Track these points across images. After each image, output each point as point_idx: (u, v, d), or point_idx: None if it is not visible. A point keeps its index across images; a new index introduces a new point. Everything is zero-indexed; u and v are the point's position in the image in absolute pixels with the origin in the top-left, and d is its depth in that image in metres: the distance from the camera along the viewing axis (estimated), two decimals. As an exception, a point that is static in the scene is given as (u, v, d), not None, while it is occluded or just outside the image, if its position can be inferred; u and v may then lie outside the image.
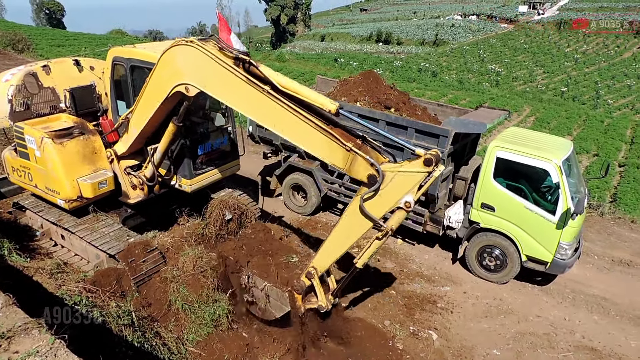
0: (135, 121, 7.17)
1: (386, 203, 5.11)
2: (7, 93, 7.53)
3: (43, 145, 7.22)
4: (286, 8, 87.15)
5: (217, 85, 5.77)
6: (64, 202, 7.46)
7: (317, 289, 6.16)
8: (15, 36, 28.33)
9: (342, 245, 5.78)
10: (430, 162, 4.77)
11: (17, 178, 8.15)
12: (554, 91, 36.54)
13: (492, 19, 78.36)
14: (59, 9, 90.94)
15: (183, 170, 7.84)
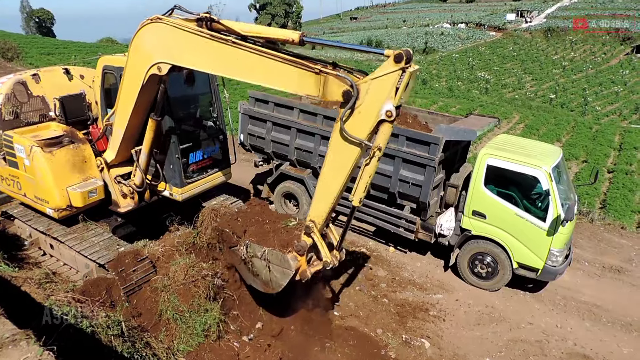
0: (118, 121, 7.17)
1: (367, 118, 4.80)
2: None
3: (32, 154, 7.16)
4: (277, 17, 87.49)
5: (186, 53, 5.85)
6: (53, 211, 7.39)
7: (320, 244, 5.67)
8: (5, 45, 28.17)
9: (334, 186, 5.38)
10: (401, 57, 4.46)
11: (5, 187, 8.08)
12: (542, 98, 36.99)
13: (481, 27, 79.30)
14: (48, 17, 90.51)
15: (174, 178, 7.85)
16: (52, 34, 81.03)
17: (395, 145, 8.71)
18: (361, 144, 4.91)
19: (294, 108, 9.97)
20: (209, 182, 8.37)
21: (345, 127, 4.88)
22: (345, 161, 5.14)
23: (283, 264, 5.90)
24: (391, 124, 4.80)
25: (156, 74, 6.22)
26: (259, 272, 6.27)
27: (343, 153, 5.09)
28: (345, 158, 5.11)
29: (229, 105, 8.66)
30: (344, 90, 4.80)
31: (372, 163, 5.00)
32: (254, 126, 10.71)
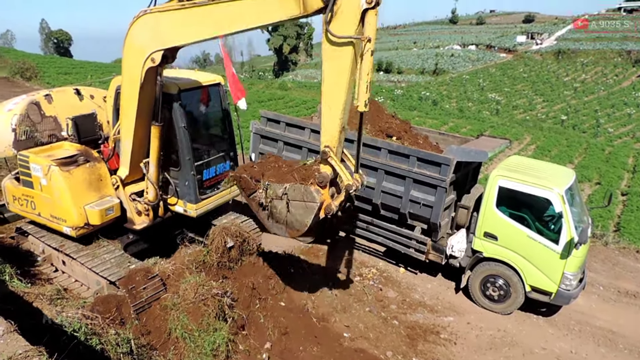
0: (124, 132, 7.32)
1: (349, 12, 4.80)
2: (10, 122, 7.62)
3: (50, 173, 7.22)
4: (289, 38, 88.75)
5: (176, 31, 6.15)
6: (70, 230, 7.43)
7: (338, 168, 5.54)
8: (24, 64, 28.87)
9: (338, 99, 5.22)
10: None
11: (17, 207, 8.08)
12: (554, 119, 36.90)
13: (491, 49, 79.74)
14: (66, 38, 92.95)
15: (189, 195, 7.97)
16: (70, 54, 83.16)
17: (406, 165, 8.72)
18: (351, 41, 4.87)
19: (305, 128, 10.04)
20: (221, 199, 8.48)
21: (332, 31, 4.87)
22: (342, 66, 5.04)
23: (307, 198, 5.58)
24: (374, 9, 4.77)
25: (152, 66, 6.53)
26: (280, 215, 5.87)
27: (338, 58, 5.01)
28: (341, 63, 5.01)
29: (240, 124, 8.79)
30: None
31: (366, 58, 4.88)
32: (265, 145, 10.79)
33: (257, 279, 7.67)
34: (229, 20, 5.72)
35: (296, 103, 28.59)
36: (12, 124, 7.60)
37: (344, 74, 5.06)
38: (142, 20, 6.39)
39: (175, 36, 6.22)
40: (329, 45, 5.00)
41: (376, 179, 9.15)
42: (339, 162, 5.59)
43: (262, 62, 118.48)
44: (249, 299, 7.35)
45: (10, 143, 7.64)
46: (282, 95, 30.91)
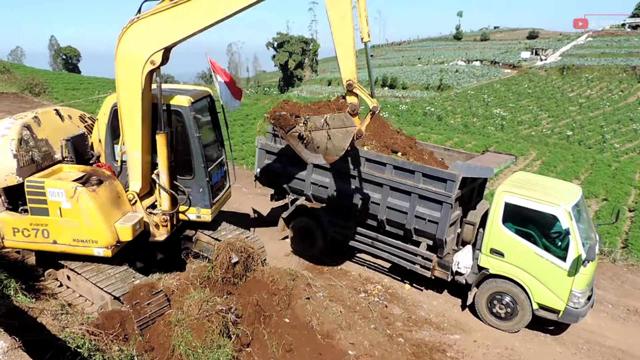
0: (130, 144, 7.37)
1: None
2: (9, 148, 7.09)
3: (77, 195, 7.03)
4: (294, 54, 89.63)
5: (173, 28, 6.57)
6: (104, 250, 7.32)
7: (363, 95, 6.63)
8: (33, 80, 29.20)
9: (348, 36, 6.36)
10: None
11: (19, 239, 7.45)
12: (559, 135, 36.83)
13: (496, 65, 79.97)
14: (75, 54, 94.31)
15: (204, 200, 8.23)
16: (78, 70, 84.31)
17: (412, 181, 8.71)
18: None
19: (310, 143, 10.07)
20: (223, 201, 8.96)
21: None
22: (344, 9, 6.22)
23: (347, 123, 6.64)
24: None
25: (152, 69, 6.82)
26: (320, 143, 6.77)
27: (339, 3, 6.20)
28: (343, 6, 6.20)
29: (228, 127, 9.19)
30: None
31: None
32: (271, 161, 10.83)
33: (261, 295, 7.63)
34: (223, 5, 6.40)
35: (301, 118, 28.73)
36: (11, 150, 7.08)
37: (347, 15, 6.25)
38: (133, 28, 6.65)
39: (172, 33, 6.63)
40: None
41: (381, 194, 9.14)
42: (363, 90, 6.66)
43: (267, 77, 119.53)
44: (254, 316, 7.30)
45: (13, 170, 7.12)
46: (287, 111, 31.08)
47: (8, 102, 24.02)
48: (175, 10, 6.47)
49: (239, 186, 15.40)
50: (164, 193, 7.84)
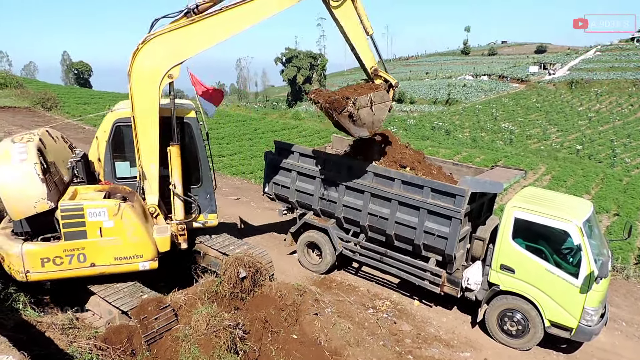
0: (146, 158, 7.47)
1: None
2: (34, 173, 6.72)
3: (121, 212, 7.04)
4: (302, 69, 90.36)
5: (191, 43, 7.11)
6: (150, 263, 7.43)
7: (386, 75, 9.05)
8: (45, 95, 29.59)
9: (361, 35, 8.41)
10: None
11: (49, 270, 6.99)
12: (568, 149, 36.57)
13: (504, 79, 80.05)
14: (86, 69, 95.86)
15: (211, 206, 8.61)
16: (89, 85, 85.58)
17: (420, 196, 8.67)
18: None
19: (318, 158, 10.10)
20: None
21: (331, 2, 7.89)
22: (352, 17, 8.19)
23: (384, 99, 8.59)
24: None
25: (169, 82, 7.24)
26: (365, 120, 8.36)
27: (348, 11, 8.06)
28: (352, 15, 8.17)
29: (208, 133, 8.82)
30: None
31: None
32: (279, 176, 10.85)
33: (269, 310, 7.59)
34: (238, 22, 7.21)
35: (309, 133, 28.83)
36: (37, 174, 6.73)
37: (357, 23, 8.29)
38: (151, 45, 6.90)
39: (189, 48, 7.14)
40: (337, 10, 7.99)
41: (390, 209, 9.10)
42: (385, 72, 8.94)
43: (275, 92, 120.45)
44: (261, 331, 7.26)
45: (44, 196, 6.75)
46: (295, 125, 31.22)
47: (21, 116, 24.39)
48: (193, 27, 6.99)
49: (247, 200, 15.45)
50: (178, 203, 7.96)
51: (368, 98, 8.25)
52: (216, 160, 20.44)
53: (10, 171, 6.66)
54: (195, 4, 7.08)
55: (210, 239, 8.89)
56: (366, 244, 9.79)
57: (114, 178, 8.03)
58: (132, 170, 8.16)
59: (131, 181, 8.03)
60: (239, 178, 18.41)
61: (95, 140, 8.08)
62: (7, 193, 6.62)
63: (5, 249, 6.91)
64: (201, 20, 7.03)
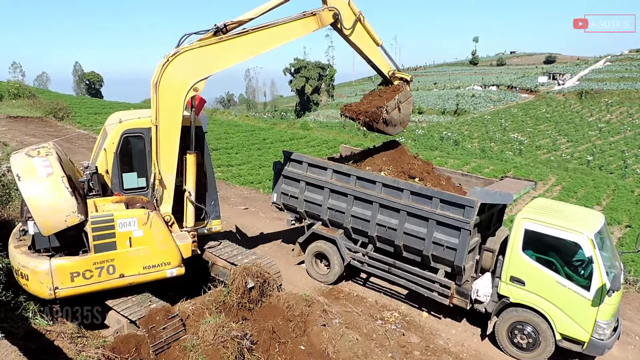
0: (166, 167, 7.59)
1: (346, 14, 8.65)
2: (63, 186, 6.68)
3: (151, 220, 7.22)
4: (310, 79, 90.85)
5: (218, 60, 7.56)
6: (177, 269, 7.65)
7: (402, 74, 9.95)
8: (57, 105, 29.97)
9: (373, 48, 9.36)
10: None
11: (79, 284, 6.92)
12: (579, 160, 36.33)
13: (512, 90, 79.85)
14: (98, 80, 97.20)
15: (215, 212, 8.84)
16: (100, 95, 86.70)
17: (429, 207, 8.64)
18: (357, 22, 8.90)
19: (327, 168, 10.11)
20: None
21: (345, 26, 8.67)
22: (364, 35, 9.10)
23: (407, 95, 9.81)
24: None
25: (193, 95, 7.55)
26: (395, 121, 9.68)
27: (360, 33, 9.03)
28: (363, 34, 9.09)
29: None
30: (333, 13, 8.40)
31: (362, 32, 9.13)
32: (287, 185, 10.87)
33: (277, 321, 7.56)
34: (263, 43, 7.85)
35: (317, 143, 28.92)
36: (66, 188, 6.70)
37: (368, 38, 9.18)
38: (181, 58, 7.20)
39: (217, 64, 7.57)
40: (350, 33, 8.82)
41: (398, 220, 9.07)
42: (401, 72, 9.92)
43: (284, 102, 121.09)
44: (269, 342, 7.23)
45: (74, 209, 6.72)
46: (304, 135, 31.34)
47: (33, 126, 24.71)
48: (221, 45, 7.47)
49: (256, 210, 15.48)
50: (191, 210, 8.04)
51: (396, 101, 9.46)
52: (225, 169, 20.56)
53: (39, 186, 6.60)
54: (224, 24, 7.50)
55: (219, 249, 8.90)
56: (374, 254, 9.75)
57: (122, 189, 8.07)
58: (139, 181, 8.22)
59: (138, 192, 8.10)
60: (248, 188, 18.47)
61: (103, 152, 8.02)
62: (38, 208, 6.53)
63: (31, 266, 6.73)
64: (229, 40, 7.50)
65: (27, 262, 6.80)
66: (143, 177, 8.22)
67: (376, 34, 9.28)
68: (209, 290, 8.10)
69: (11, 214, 9.69)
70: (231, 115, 43.38)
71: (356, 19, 8.80)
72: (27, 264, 6.78)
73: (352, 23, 8.77)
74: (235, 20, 7.59)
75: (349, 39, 8.96)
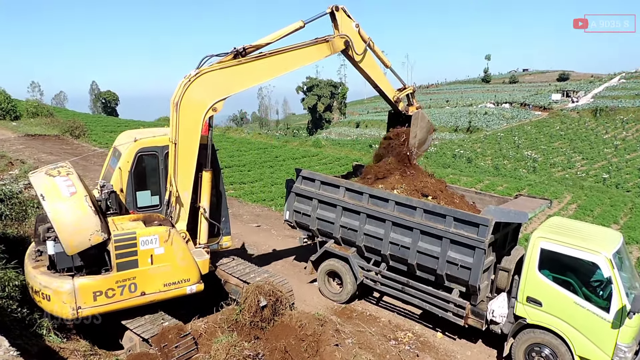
0: (183, 184, 7.72)
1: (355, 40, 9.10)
2: (87, 205, 6.77)
3: (171, 238, 7.31)
4: (323, 97, 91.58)
5: (236, 82, 7.83)
6: (197, 286, 7.72)
7: (404, 94, 10.30)
8: (74, 123, 30.58)
9: (380, 74, 9.79)
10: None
11: (101, 303, 6.92)
12: (595, 178, 35.82)
13: (526, 107, 79.42)
14: (113, 98, 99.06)
15: (226, 228, 8.94)
16: (116, 114, 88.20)
17: (443, 225, 8.56)
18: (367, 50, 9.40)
19: (340, 186, 10.11)
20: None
21: (357, 51, 9.13)
22: (374, 64, 9.62)
23: (424, 119, 10.33)
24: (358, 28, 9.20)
25: (212, 115, 7.76)
26: (417, 147, 10.30)
27: (370, 60, 9.52)
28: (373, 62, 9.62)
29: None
30: (345, 41, 8.89)
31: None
32: (299, 203, 10.88)
33: (289, 340, 7.49)
34: (280, 67, 8.25)
35: (329, 160, 28.99)
36: (90, 207, 6.80)
37: (376, 64, 9.66)
38: (202, 79, 7.45)
39: (236, 85, 7.86)
40: (361, 59, 9.28)
41: (412, 238, 9.00)
42: (403, 91, 10.24)
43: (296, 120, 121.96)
44: (281, 362, 7.14)
45: (98, 228, 6.78)
46: (316, 153, 31.46)
47: (50, 143, 25.19)
48: (240, 67, 7.75)
49: (268, 227, 15.48)
50: (205, 227, 8.11)
51: (414, 133, 10.13)
52: (237, 187, 20.66)
53: (64, 205, 6.66)
54: (243, 47, 7.73)
55: (231, 267, 8.90)
56: (388, 273, 9.65)
57: (135, 207, 8.16)
58: (152, 199, 8.31)
59: (151, 210, 8.19)
60: (260, 205, 18.51)
61: (117, 170, 8.11)
62: (64, 228, 6.57)
63: (54, 287, 6.72)
64: (248, 62, 7.82)
65: (50, 283, 6.76)
66: (156, 195, 8.31)
67: (385, 57, 9.74)
68: (222, 308, 8.09)
69: (26, 230, 9.84)
70: (244, 133, 43.80)
71: (366, 45, 9.24)
72: (50, 285, 6.74)
73: (363, 49, 9.23)
74: (253, 44, 7.89)
75: (358, 66, 9.35)
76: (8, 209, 9.80)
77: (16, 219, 10.02)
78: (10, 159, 17.47)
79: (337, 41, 8.81)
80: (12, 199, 10.24)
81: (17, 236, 9.41)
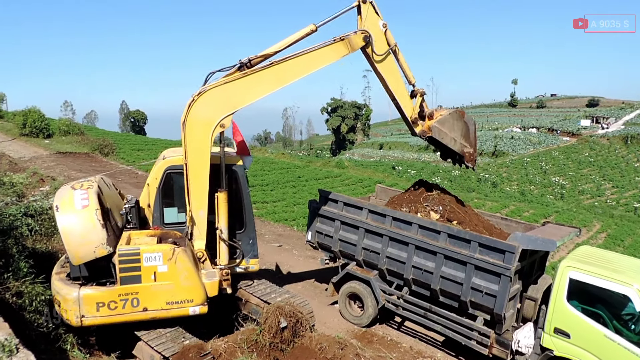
0: (198, 203, 7.66)
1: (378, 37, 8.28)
2: (96, 219, 6.93)
3: (176, 256, 7.23)
4: (347, 118, 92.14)
5: (245, 95, 7.53)
6: (200, 307, 7.52)
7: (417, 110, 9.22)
8: (103, 142, 31.65)
9: (399, 85, 8.83)
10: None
11: (103, 314, 7.06)
12: (625, 207, 34.74)
13: (553, 132, 78.14)
14: (142, 117, 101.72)
15: (253, 251, 8.77)
16: (144, 132, 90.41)
17: (467, 251, 8.42)
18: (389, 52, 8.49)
19: (362, 208, 10.08)
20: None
21: (377, 52, 8.29)
22: (394, 68, 8.67)
23: (445, 122, 9.31)
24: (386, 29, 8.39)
25: (221, 131, 7.60)
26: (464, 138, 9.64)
27: (389, 63, 8.55)
28: (393, 66, 8.64)
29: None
30: (364, 36, 8.02)
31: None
32: (322, 224, 10.87)
33: (309, 363, 7.39)
34: (291, 73, 7.67)
35: (352, 181, 28.97)
36: (99, 220, 6.93)
37: (398, 73, 8.76)
38: (205, 97, 7.33)
39: (243, 98, 7.54)
40: (380, 60, 8.40)
41: (435, 263, 8.87)
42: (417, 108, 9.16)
43: (320, 140, 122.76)
44: (300, 385, 7.05)
45: (103, 241, 6.92)
46: (339, 174, 31.50)
47: (80, 161, 25.95)
48: (245, 80, 7.45)
49: (290, 248, 15.49)
50: (224, 248, 8.08)
51: (454, 143, 9.53)
52: (260, 206, 20.80)
53: (73, 217, 6.89)
54: (248, 58, 7.49)
55: (252, 286, 8.90)
56: (410, 298, 9.50)
57: (162, 223, 8.28)
58: (179, 216, 8.41)
59: (178, 227, 8.27)
60: (282, 225, 18.56)
61: (146, 186, 8.37)
62: (71, 238, 6.80)
63: (63, 293, 7.00)
64: (253, 74, 7.48)
65: (60, 289, 7.08)
66: (183, 212, 8.43)
67: (410, 72, 8.82)
68: (242, 327, 8.07)
69: (55, 246, 10.06)
70: (267, 152, 44.24)
71: (390, 49, 8.41)
72: (60, 291, 7.07)
73: (385, 52, 8.35)
74: (259, 54, 7.57)
75: (377, 69, 8.49)
76: (38, 225, 10.03)
77: (45, 234, 10.25)
78: (42, 176, 18.02)
79: (356, 37, 7.96)
80: (42, 214, 10.50)
81: (45, 252, 9.62)
